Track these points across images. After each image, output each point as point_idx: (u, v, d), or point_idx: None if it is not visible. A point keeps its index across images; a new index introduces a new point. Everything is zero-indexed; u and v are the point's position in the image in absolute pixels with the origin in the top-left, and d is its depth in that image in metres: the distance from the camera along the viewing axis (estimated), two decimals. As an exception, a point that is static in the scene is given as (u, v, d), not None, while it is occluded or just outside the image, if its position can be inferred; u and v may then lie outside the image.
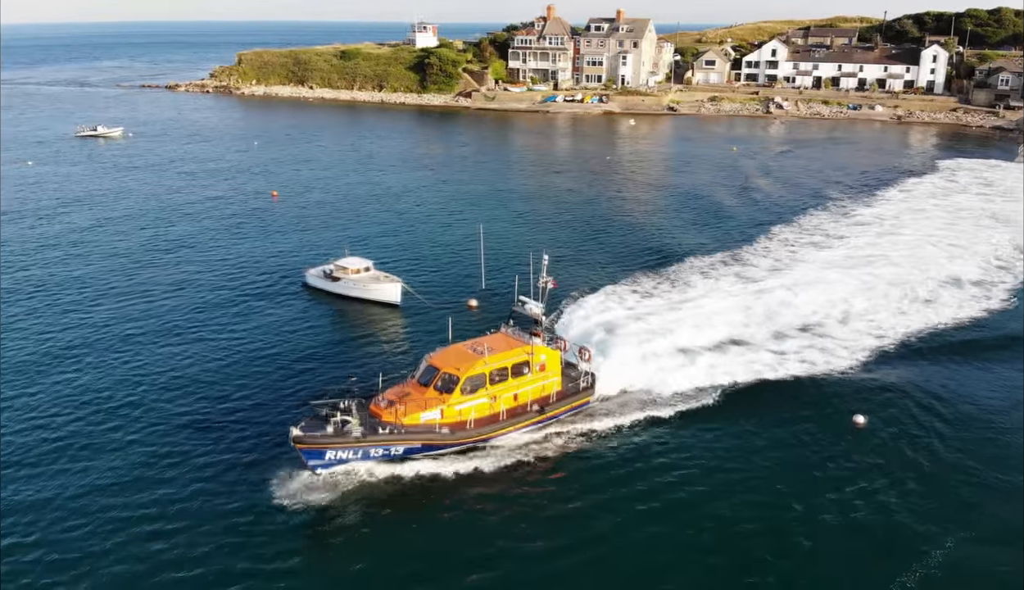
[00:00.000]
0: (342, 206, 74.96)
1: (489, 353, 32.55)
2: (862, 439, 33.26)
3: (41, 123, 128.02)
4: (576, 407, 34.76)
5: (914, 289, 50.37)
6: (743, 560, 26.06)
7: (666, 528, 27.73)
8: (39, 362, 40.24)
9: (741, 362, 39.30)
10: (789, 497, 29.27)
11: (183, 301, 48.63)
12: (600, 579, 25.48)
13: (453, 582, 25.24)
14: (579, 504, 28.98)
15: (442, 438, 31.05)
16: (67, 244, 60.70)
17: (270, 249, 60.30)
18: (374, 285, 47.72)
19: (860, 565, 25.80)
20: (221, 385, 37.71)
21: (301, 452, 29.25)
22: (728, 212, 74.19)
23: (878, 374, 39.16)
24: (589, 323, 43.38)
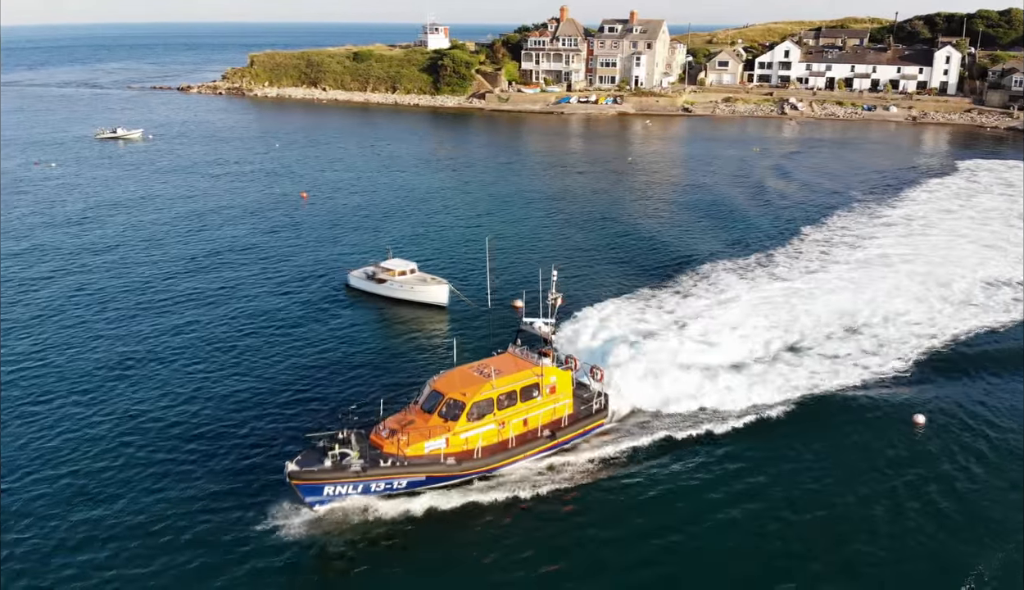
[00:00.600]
0: (371, 208, 75.23)
1: (496, 376, 30.67)
2: (925, 437, 33.49)
3: (57, 125, 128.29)
4: (589, 430, 32.96)
5: (955, 289, 50.63)
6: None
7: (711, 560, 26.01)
8: (91, 369, 40.52)
9: (783, 370, 38.53)
10: (861, 502, 29.50)
11: (225, 307, 48.72)
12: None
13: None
14: (598, 537, 27.23)
15: (448, 469, 29.13)
16: (104, 249, 60.87)
17: (307, 250, 60.57)
18: (421, 287, 47.97)
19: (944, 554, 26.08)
20: (264, 396, 37.41)
21: (298, 488, 27.29)
22: (755, 213, 74.44)
23: (931, 374, 39.42)
24: (607, 334, 41.86)
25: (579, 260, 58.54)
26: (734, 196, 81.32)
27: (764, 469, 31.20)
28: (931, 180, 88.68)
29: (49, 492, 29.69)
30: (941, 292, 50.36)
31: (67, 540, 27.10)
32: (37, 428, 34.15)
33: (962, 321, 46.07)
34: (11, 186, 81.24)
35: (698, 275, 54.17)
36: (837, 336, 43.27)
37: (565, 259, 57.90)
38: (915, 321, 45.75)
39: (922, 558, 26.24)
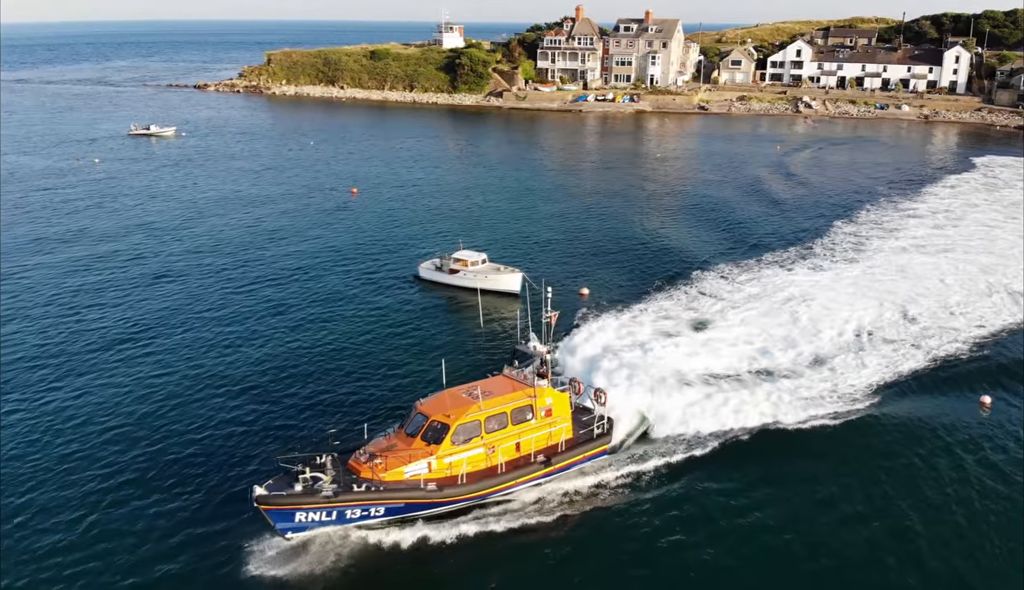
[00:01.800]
0: (416, 202, 77.59)
1: (485, 397, 29.08)
2: (993, 416, 36.07)
3: (86, 122, 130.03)
4: (590, 457, 30.90)
5: (1005, 278, 53.01)
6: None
7: None
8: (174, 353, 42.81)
9: (838, 366, 39.63)
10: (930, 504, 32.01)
11: (297, 299, 50.88)
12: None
13: None
14: (599, 574, 25.74)
15: (428, 496, 27.20)
16: (172, 240, 63.14)
17: (368, 242, 62.87)
18: (495, 275, 50.38)
19: None
20: (345, 387, 40.04)
21: (267, 514, 25.92)
22: (786, 207, 77.09)
23: (993, 353, 41.99)
24: (629, 340, 41.20)
25: (619, 257, 61.02)
26: (765, 191, 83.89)
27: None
28: (950, 176, 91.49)
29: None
30: (989, 281, 52.76)
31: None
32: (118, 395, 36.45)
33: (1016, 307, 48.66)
34: (63, 182, 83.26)
35: (739, 268, 56.38)
36: (898, 323, 45.63)
37: (605, 255, 60.47)
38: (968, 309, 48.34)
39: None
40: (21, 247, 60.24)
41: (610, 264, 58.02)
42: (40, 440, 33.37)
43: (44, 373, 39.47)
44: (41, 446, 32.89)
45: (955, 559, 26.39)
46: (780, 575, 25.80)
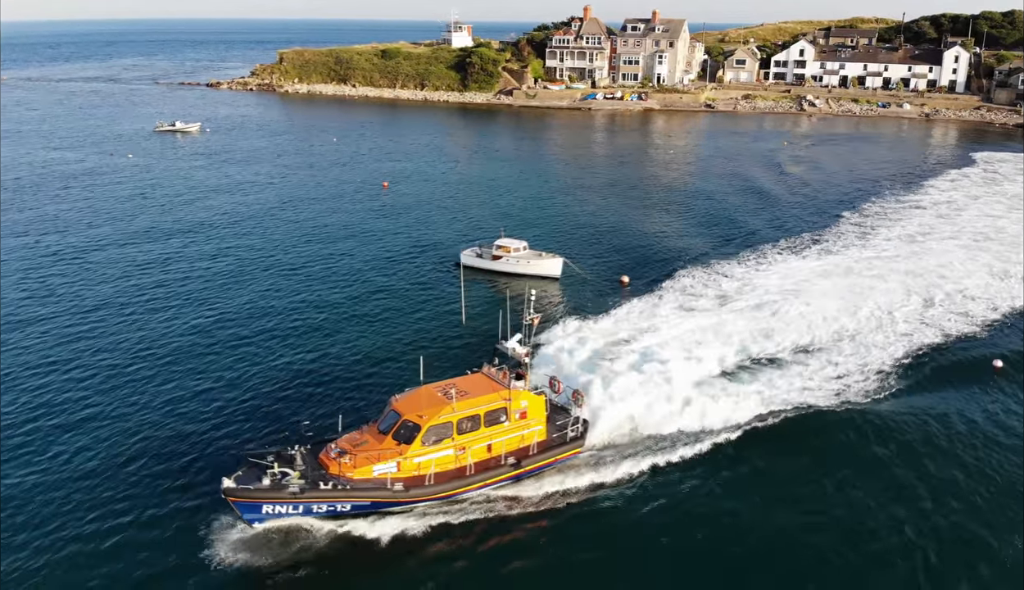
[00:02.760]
0: (443, 194, 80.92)
1: (459, 398, 29.20)
2: (1004, 377, 39.69)
3: (108, 119, 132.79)
4: (561, 460, 30.97)
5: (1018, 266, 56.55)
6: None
7: None
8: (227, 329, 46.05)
9: (878, 341, 42.97)
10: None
11: (347, 286, 54.22)
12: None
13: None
14: (560, 570, 26.29)
15: (394, 495, 27.63)
16: (224, 230, 66.33)
17: (404, 232, 66.17)
18: (537, 261, 53.78)
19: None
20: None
21: (235, 505, 26.73)
22: (796, 198, 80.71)
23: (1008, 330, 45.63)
24: (625, 342, 41.89)
25: (641, 245, 64.48)
26: (772, 185, 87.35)
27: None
28: (951, 171, 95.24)
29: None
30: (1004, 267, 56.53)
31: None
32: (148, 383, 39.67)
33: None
34: (102, 176, 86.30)
35: (755, 254, 59.84)
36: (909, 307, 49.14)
37: (629, 243, 63.93)
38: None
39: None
40: (77, 240, 63.39)
41: (634, 251, 61.42)
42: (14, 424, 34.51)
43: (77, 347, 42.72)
44: (11, 432, 33.84)
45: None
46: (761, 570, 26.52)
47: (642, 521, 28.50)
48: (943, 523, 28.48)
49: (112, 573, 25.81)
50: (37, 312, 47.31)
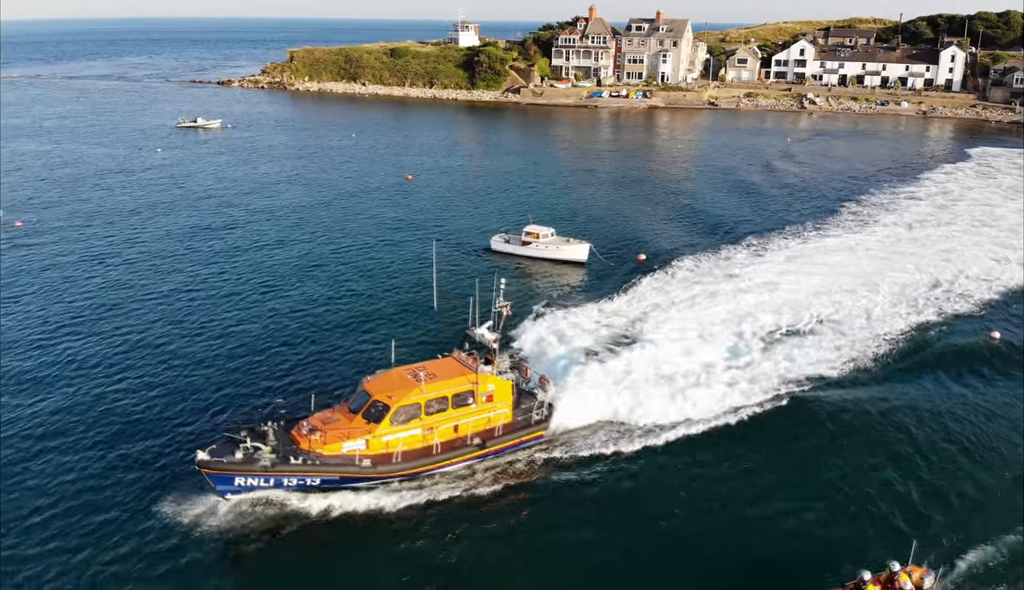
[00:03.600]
0: (465, 186, 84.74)
1: (428, 381, 30.55)
2: (1002, 348, 43.59)
3: (126, 115, 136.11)
4: (526, 442, 32.41)
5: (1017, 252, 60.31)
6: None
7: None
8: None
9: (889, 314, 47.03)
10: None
11: (394, 263, 58.01)
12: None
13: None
14: (523, 546, 27.44)
15: (362, 471, 28.97)
16: (262, 224, 69.99)
17: (433, 219, 69.85)
18: (565, 246, 57.53)
19: None
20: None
21: (208, 477, 28.04)
22: (798, 189, 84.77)
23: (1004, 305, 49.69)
24: (606, 326, 43.95)
25: (654, 229, 68.29)
26: (774, 178, 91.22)
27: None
28: (946, 164, 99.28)
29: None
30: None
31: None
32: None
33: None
34: (135, 171, 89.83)
35: (753, 243, 63.20)
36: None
37: (643, 228, 67.74)
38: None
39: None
40: (126, 228, 66.99)
41: (647, 235, 65.18)
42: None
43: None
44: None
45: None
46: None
47: (603, 498, 29.73)
48: (927, 479, 32.19)
49: (90, 541, 27.16)
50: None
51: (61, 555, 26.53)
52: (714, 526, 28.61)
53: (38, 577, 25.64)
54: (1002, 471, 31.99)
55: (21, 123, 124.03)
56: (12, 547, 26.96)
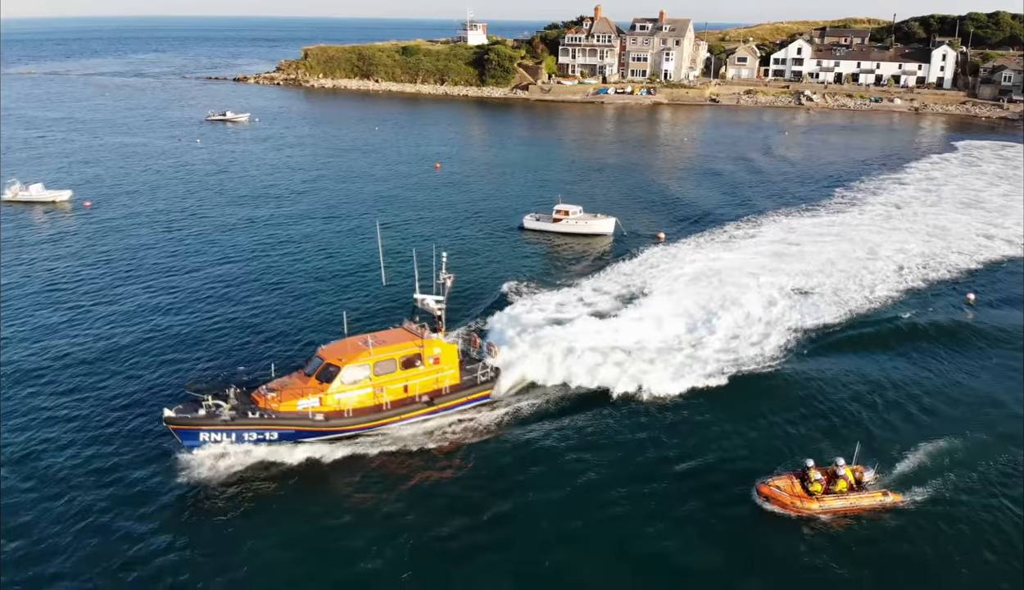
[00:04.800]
0: (489, 173, 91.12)
1: (376, 345, 33.29)
2: (976, 308, 50.16)
3: (155, 109, 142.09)
4: (473, 400, 35.03)
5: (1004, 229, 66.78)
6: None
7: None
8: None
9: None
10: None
11: (440, 239, 64.38)
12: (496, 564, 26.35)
13: (322, 565, 26.13)
14: (468, 489, 29.89)
15: (316, 425, 31.67)
16: (303, 205, 76.33)
17: (471, 204, 76.12)
18: (593, 221, 63.95)
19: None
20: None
21: (175, 432, 30.70)
22: (795, 176, 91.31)
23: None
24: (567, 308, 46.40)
25: (665, 210, 74.81)
26: (773, 167, 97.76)
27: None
28: (933, 155, 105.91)
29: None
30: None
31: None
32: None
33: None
34: (179, 156, 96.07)
35: (751, 223, 69.70)
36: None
37: (653, 209, 74.25)
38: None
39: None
40: (187, 208, 73.25)
41: (663, 215, 71.71)
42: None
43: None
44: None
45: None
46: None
47: (544, 449, 32.42)
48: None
49: (63, 492, 29.47)
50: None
51: (38, 505, 28.74)
52: (666, 461, 31.90)
53: (14, 532, 27.38)
54: (945, 392, 38.23)
55: (59, 116, 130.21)
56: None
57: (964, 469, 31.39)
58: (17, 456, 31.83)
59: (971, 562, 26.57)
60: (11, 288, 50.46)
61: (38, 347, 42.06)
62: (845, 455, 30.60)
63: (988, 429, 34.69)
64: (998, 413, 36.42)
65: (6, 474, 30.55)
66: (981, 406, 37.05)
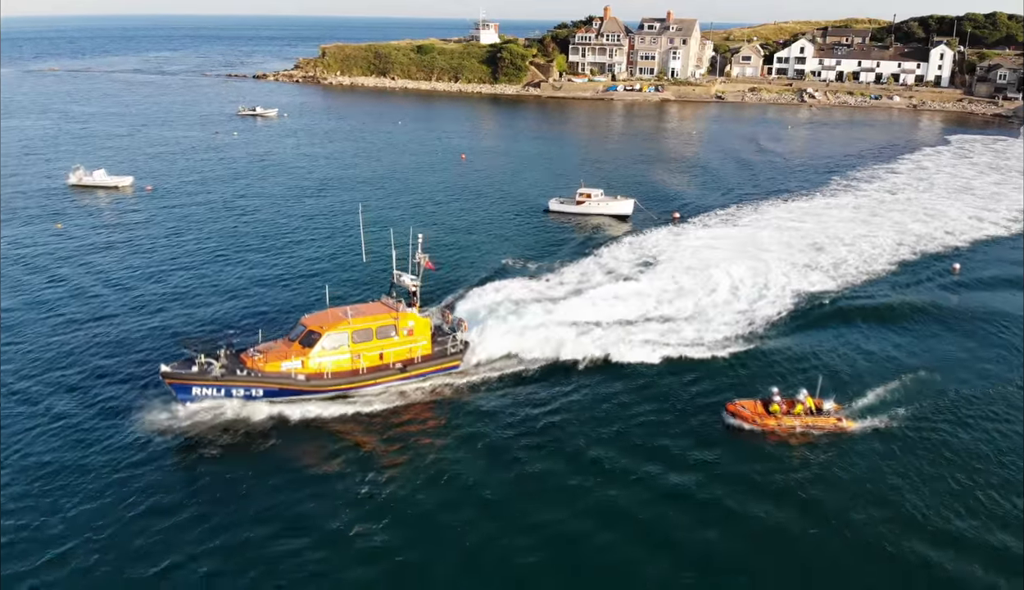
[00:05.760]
0: (512, 163, 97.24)
1: (354, 316, 36.78)
2: (960, 278, 56.28)
3: (184, 104, 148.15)
4: (443, 369, 38.19)
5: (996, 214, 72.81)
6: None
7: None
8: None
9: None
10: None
11: (472, 220, 70.50)
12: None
13: (304, 501, 29.01)
14: (439, 449, 32.59)
15: (297, 384, 34.99)
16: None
17: (497, 189, 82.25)
18: (613, 203, 70.06)
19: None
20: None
21: (170, 387, 34.04)
22: (796, 166, 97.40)
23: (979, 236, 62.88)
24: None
25: (679, 194, 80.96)
26: (776, 159, 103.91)
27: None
28: (927, 147, 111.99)
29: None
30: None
31: None
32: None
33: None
34: (219, 147, 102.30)
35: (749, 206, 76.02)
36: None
37: (668, 193, 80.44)
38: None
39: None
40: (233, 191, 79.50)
41: (676, 198, 77.81)
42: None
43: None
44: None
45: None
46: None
47: (505, 410, 35.79)
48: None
49: (67, 442, 32.67)
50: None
51: (45, 445, 32.46)
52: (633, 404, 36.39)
53: (24, 472, 30.53)
54: (915, 348, 43.87)
55: (94, 111, 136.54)
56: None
57: (916, 406, 36.49)
58: (34, 384, 37.34)
59: (909, 478, 31.28)
60: (94, 252, 56.81)
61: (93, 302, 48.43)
62: (809, 388, 35.79)
63: (951, 378, 39.77)
64: (963, 366, 41.58)
65: (36, 396, 36.02)
66: (949, 360, 42.20)
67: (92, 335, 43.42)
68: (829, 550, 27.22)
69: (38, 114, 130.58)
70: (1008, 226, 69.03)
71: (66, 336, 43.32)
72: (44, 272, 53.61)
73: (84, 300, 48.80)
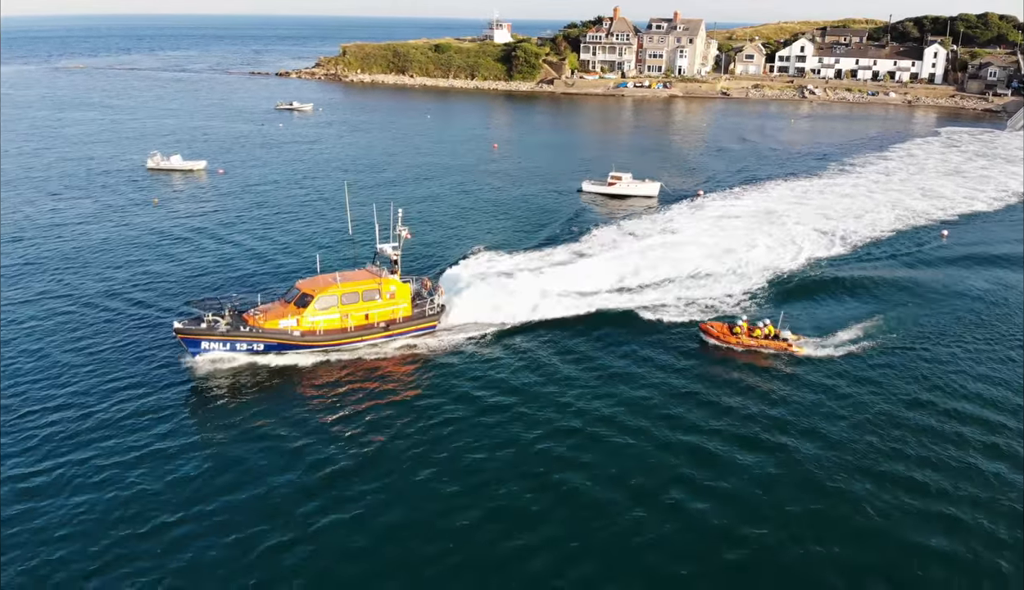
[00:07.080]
0: (539, 151, 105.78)
1: (343, 281, 41.60)
2: (948, 243, 64.99)
3: (218, 99, 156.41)
4: (421, 329, 43.05)
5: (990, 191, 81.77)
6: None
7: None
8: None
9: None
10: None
11: (504, 205, 79.10)
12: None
13: (300, 440, 33.06)
14: (417, 397, 36.95)
15: (293, 340, 39.74)
16: (380, 167, 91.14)
17: (531, 173, 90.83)
18: (641, 185, 78.62)
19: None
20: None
21: (182, 341, 38.43)
22: (796, 154, 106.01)
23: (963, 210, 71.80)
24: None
25: (692, 178, 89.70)
26: (779, 148, 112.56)
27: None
28: (917, 138, 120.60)
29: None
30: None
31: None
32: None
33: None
34: (269, 137, 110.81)
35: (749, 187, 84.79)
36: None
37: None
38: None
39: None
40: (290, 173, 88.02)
41: (694, 179, 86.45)
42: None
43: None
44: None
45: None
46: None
47: (473, 364, 40.56)
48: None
49: (90, 386, 37.27)
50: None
51: (66, 388, 37.07)
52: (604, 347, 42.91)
53: (45, 425, 34.05)
54: (890, 297, 52.39)
55: (135, 105, 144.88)
56: (14, 395, 36.25)
57: (866, 341, 43.67)
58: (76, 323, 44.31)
59: (850, 397, 38.10)
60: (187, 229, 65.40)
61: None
62: (773, 320, 43.67)
63: (905, 326, 46.67)
64: (929, 307, 49.70)
65: (70, 330, 42.95)
66: (910, 315, 48.81)
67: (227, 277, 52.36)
68: (762, 419, 35.95)
69: (86, 108, 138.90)
70: (989, 201, 78.01)
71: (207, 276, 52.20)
72: (168, 235, 62.51)
73: (200, 263, 57.60)
